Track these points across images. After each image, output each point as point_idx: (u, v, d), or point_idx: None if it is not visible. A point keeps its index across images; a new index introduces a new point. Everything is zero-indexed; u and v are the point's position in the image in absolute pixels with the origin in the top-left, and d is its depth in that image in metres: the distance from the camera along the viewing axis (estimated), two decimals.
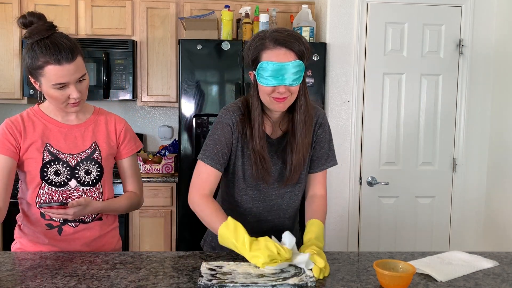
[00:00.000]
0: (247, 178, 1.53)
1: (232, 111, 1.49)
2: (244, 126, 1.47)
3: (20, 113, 1.55)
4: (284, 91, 1.37)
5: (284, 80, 1.35)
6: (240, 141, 1.49)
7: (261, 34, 1.40)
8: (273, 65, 1.34)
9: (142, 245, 3.24)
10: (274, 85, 1.36)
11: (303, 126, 1.45)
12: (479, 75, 3.00)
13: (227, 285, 1.17)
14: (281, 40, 1.35)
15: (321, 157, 1.57)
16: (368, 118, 2.98)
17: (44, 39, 1.40)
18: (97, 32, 3.35)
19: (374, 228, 3.04)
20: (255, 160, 1.46)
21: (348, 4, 2.93)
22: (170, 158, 3.30)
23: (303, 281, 1.18)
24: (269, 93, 1.38)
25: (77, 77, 1.43)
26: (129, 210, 1.66)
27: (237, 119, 1.48)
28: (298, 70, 1.37)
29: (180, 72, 2.95)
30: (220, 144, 1.47)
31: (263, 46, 1.37)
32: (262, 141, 1.44)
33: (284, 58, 1.35)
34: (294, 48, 1.36)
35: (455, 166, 3.05)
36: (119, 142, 1.62)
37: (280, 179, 1.54)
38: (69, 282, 1.21)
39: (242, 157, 1.51)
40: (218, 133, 1.48)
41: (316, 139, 1.56)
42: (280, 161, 1.52)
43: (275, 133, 1.52)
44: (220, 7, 3.27)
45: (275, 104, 1.39)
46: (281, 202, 1.57)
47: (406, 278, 1.17)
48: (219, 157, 1.46)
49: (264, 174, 1.48)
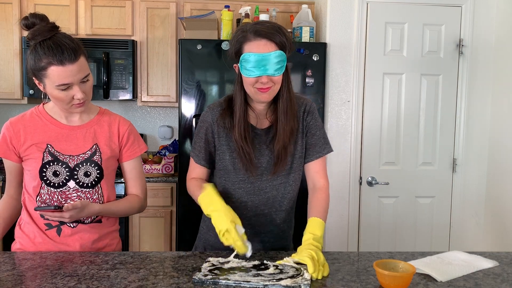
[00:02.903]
0: (238, 171, 1.54)
1: (212, 108, 1.57)
2: (226, 119, 1.52)
3: (24, 112, 1.57)
4: (267, 81, 1.41)
5: (266, 71, 1.40)
6: (223, 135, 1.53)
7: (243, 27, 1.46)
8: (255, 56, 1.39)
9: (142, 245, 3.24)
10: (256, 76, 1.40)
11: (285, 114, 1.49)
12: (479, 75, 3.00)
13: (220, 281, 1.19)
14: (261, 32, 1.40)
15: (315, 144, 1.58)
16: (368, 118, 2.98)
17: (47, 40, 1.40)
18: (97, 32, 3.35)
19: (374, 228, 3.04)
20: (238, 150, 1.50)
21: (348, 4, 2.93)
22: (170, 158, 3.30)
23: (296, 284, 1.18)
24: (253, 83, 1.42)
25: (80, 77, 1.43)
26: (130, 213, 1.66)
27: (217, 115, 1.54)
28: (279, 60, 1.41)
29: (180, 72, 2.96)
30: (202, 141, 1.56)
31: (245, 39, 1.42)
32: (243, 132, 1.48)
33: (265, 48, 1.39)
34: (275, 39, 1.40)
35: (455, 166, 3.05)
36: (122, 145, 1.61)
37: (270, 170, 1.55)
38: (69, 282, 1.21)
39: (229, 151, 1.54)
40: (201, 131, 1.57)
41: (306, 126, 1.58)
42: (268, 151, 1.54)
43: (262, 123, 1.55)
44: (220, 7, 3.27)
45: (259, 94, 1.44)
46: (276, 193, 1.57)
47: (406, 278, 1.17)
48: (202, 153, 1.57)
49: (248, 164, 1.50)
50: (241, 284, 1.19)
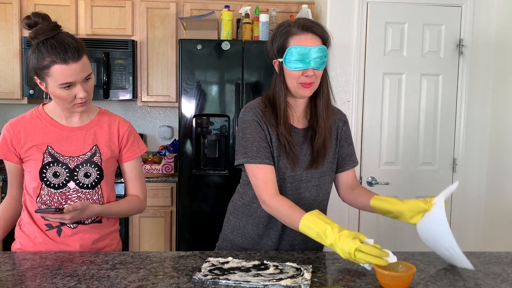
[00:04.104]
0: (279, 170, 1.51)
1: (253, 107, 1.53)
2: (268, 117, 1.49)
3: (24, 114, 1.57)
4: (312, 74, 1.43)
5: (311, 64, 1.42)
6: (269, 133, 1.50)
7: (285, 23, 1.48)
8: (301, 49, 1.41)
9: (142, 245, 3.24)
10: (302, 69, 1.42)
11: (325, 110, 1.51)
12: (479, 75, 3.00)
13: (220, 281, 1.19)
14: (307, 26, 1.43)
15: (351, 153, 1.63)
16: (368, 118, 2.98)
17: (50, 39, 1.40)
18: (97, 32, 3.35)
19: (374, 228, 3.03)
20: (283, 145, 1.48)
21: (348, 4, 2.93)
22: (170, 158, 3.30)
23: (296, 284, 1.18)
24: (297, 77, 1.44)
25: (83, 76, 1.43)
26: (130, 214, 1.66)
27: (260, 113, 1.50)
28: (323, 54, 1.44)
29: (180, 72, 2.96)
30: (256, 140, 1.47)
31: (290, 33, 1.44)
32: (287, 126, 1.48)
33: (311, 42, 1.43)
34: (319, 33, 1.44)
35: (455, 166, 3.05)
36: (122, 146, 1.61)
37: (308, 168, 1.54)
38: (69, 282, 1.21)
39: (274, 148, 1.51)
40: (248, 131, 1.49)
41: (341, 135, 1.62)
42: (308, 150, 1.54)
43: (301, 123, 1.56)
44: (220, 7, 3.27)
45: (302, 89, 1.45)
46: (308, 196, 1.56)
47: (406, 278, 1.17)
48: (262, 152, 1.46)
49: (293, 158, 1.49)
50: (241, 284, 1.19)
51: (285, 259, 1.40)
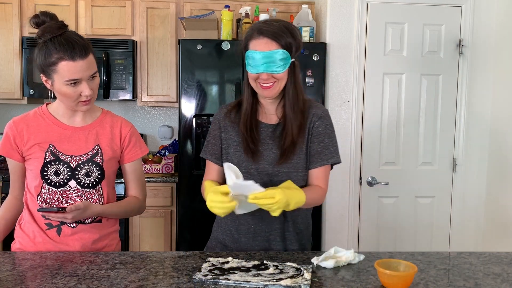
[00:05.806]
0: (241, 164, 1.52)
1: (223, 107, 1.65)
2: (232, 113, 1.59)
3: (28, 112, 1.58)
4: (267, 78, 1.46)
5: (266, 68, 1.44)
6: (230, 129, 1.58)
7: (253, 25, 1.52)
8: (256, 53, 1.45)
9: (142, 245, 3.24)
10: (257, 72, 1.46)
11: (292, 110, 1.52)
12: (479, 75, 3.00)
13: (220, 281, 1.20)
14: (264, 31, 1.45)
15: (321, 151, 1.55)
16: (368, 118, 2.98)
17: (58, 37, 1.43)
18: (97, 32, 3.35)
19: (374, 228, 3.04)
20: (242, 141, 1.53)
21: (348, 4, 2.93)
22: (170, 158, 3.30)
23: (296, 284, 1.18)
24: (255, 79, 1.49)
25: (89, 73, 1.45)
26: (130, 215, 1.67)
27: (224, 111, 1.61)
28: (281, 58, 1.45)
29: (180, 72, 2.95)
30: (211, 138, 1.62)
31: (250, 37, 1.48)
32: (249, 124, 1.54)
33: (265, 47, 1.44)
34: (277, 39, 1.44)
35: (455, 166, 3.05)
36: (124, 147, 1.62)
37: (275, 163, 1.53)
38: (69, 282, 1.21)
39: (233, 144, 1.57)
40: (210, 129, 1.64)
41: (313, 130, 1.56)
42: (275, 146, 1.55)
43: (270, 119, 1.58)
44: (220, 7, 3.27)
45: (262, 90, 1.49)
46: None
47: (407, 277, 1.17)
48: (209, 148, 1.61)
49: (254, 152, 1.52)
50: (241, 284, 1.19)
51: (285, 259, 1.41)
